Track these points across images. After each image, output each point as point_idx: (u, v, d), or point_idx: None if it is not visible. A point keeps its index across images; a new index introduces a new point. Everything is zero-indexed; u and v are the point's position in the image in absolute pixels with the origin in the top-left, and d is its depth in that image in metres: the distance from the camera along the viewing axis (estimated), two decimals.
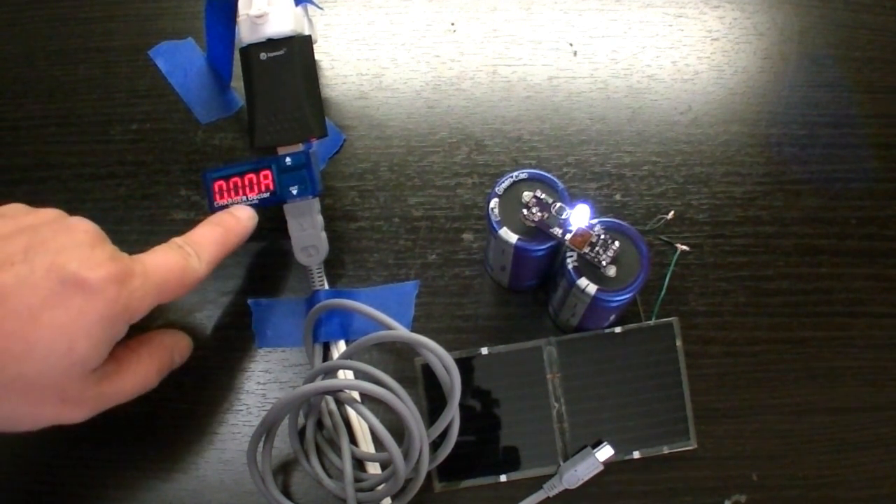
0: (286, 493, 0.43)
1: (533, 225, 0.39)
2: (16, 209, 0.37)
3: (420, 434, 0.39)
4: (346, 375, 0.44)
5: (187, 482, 0.44)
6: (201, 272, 0.40)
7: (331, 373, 0.42)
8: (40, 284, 0.33)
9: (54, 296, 0.33)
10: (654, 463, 0.43)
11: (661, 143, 0.49)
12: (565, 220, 0.39)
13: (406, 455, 0.39)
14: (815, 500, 0.43)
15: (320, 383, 0.40)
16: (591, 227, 0.39)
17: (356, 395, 0.42)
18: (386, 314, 0.41)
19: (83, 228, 0.36)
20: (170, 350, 0.42)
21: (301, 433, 0.43)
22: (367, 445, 0.43)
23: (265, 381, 0.45)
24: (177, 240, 0.40)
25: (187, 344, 0.43)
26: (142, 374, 0.39)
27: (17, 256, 0.34)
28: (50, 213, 0.37)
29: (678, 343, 0.44)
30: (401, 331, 0.41)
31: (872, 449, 0.44)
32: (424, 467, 0.40)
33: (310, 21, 0.48)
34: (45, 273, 0.33)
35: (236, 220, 0.42)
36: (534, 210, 0.39)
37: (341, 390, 0.41)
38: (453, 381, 0.40)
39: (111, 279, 0.34)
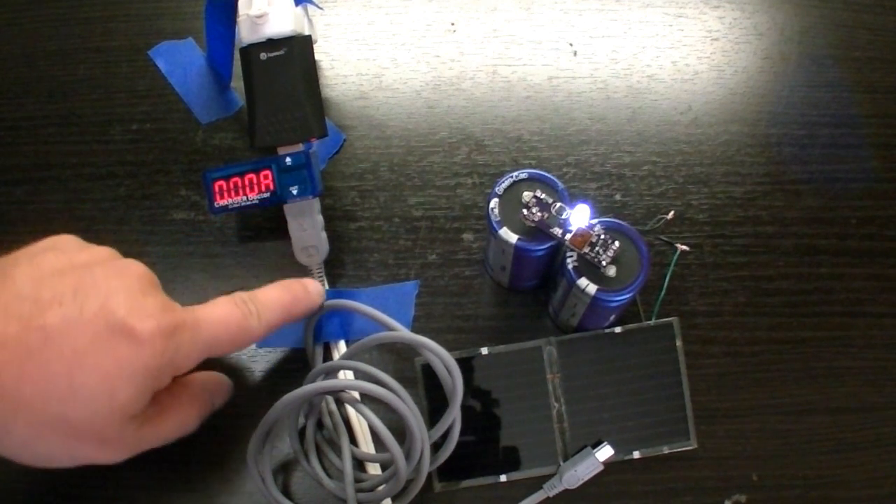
0: (286, 493, 0.43)
1: (533, 225, 0.39)
2: (68, 243, 0.37)
3: (421, 435, 0.39)
4: (346, 376, 0.43)
5: (187, 483, 0.44)
6: (258, 333, 0.39)
7: (331, 373, 0.42)
8: (87, 328, 0.33)
9: (100, 341, 0.33)
10: (654, 463, 0.43)
11: (661, 143, 0.49)
12: (565, 220, 0.39)
13: (407, 456, 0.39)
14: (815, 500, 0.43)
15: (321, 383, 0.40)
16: (591, 227, 0.39)
17: (357, 395, 0.42)
18: (386, 314, 0.41)
19: (136, 273, 0.36)
20: (210, 394, 0.41)
21: (301, 433, 0.43)
22: (367, 446, 0.43)
23: (265, 381, 0.45)
24: (243, 294, 0.39)
25: (227, 387, 0.43)
26: (182, 419, 0.39)
27: (67, 297, 0.33)
28: (103, 252, 0.36)
29: (678, 343, 0.44)
30: (402, 331, 0.41)
31: (872, 449, 0.44)
32: (425, 468, 0.40)
33: (310, 21, 0.48)
34: (93, 317, 0.33)
35: (306, 292, 0.42)
36: (534, 210, 0.39)
37: (342, 390, 0.41)
38: (455, 383, 0.40)
39: (159, 332, 0.34)
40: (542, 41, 0.51)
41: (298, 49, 0.44)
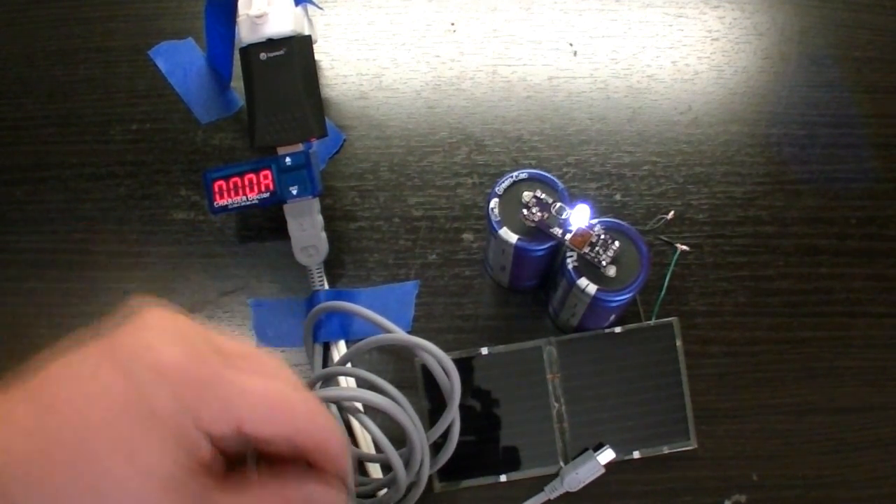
0: None
1: (533, 225, 0.39)
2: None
3: (421, 443, 0.39)
4: (347, 382, 0.43)
5: None
6: (304, 407, 0.27)
7: (331, 378, 0.42)
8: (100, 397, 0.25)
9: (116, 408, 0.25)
10: (654, 463, 0.43)
11: (661, 143, 0.49)
12: (565, 220, 0.39)
13: (407, 464, 0.39)
14: (815, 500, 0.43)
15: (323, 392, 0.40)
16: (591, 227, 0.39)
17: (359, 404, 0.41)
18: (386, 314, 0.41)
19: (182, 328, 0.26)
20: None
21: None
22: (367, 447, 0.43)
23: None
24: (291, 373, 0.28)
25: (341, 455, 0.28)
26: None
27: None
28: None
29: (678, 343, 0.44)
30: (399, 333, 0.41)
31: (872, 449, 0.44)
32: (425, 474, 0.40)
33: (310, 21, 0.48)
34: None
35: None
36: (534, 210, 0.39)
37: (343, 400, 0.41)
38: (453, 385, 0.40)
39: (174, 376, 0.25)
40: (542, 41, 0.51)
41: (298, 49, 0.44)
